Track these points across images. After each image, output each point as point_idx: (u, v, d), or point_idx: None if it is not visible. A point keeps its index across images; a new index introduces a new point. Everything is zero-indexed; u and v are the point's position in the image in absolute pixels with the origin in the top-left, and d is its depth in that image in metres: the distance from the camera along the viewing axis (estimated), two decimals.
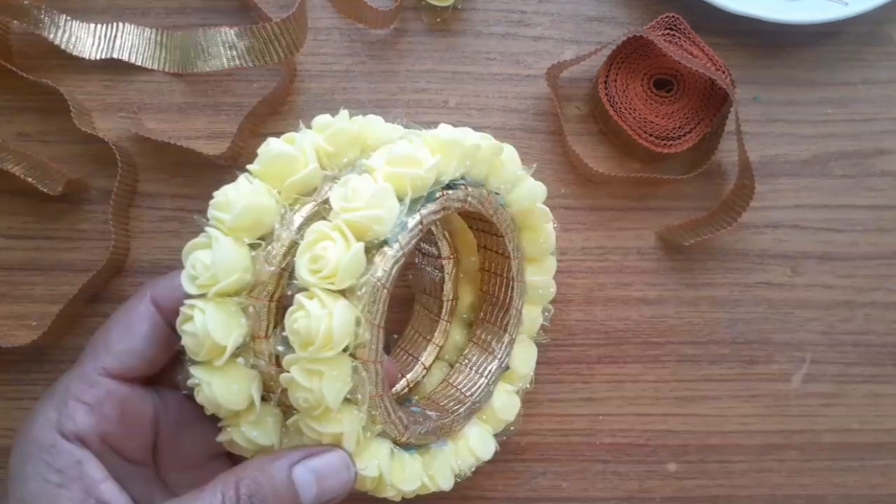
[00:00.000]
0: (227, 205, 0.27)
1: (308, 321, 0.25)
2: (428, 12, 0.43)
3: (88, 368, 0.30)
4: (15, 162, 0.40)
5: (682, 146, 0.41)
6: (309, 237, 0.26)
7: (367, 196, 0.26)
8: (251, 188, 0.28)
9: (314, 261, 0.25)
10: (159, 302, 0.31)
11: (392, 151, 0.28)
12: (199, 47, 0.41)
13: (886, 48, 0.45)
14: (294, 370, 0.25)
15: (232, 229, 0.27)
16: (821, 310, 0.43)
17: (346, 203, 0.26)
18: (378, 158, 0.28)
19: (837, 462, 0.43)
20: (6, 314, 0.41)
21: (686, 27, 0.42)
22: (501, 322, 0.37)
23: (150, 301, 0.31)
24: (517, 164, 0.34)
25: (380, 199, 0.26)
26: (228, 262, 0.27)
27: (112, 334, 0.30)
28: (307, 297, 0.25)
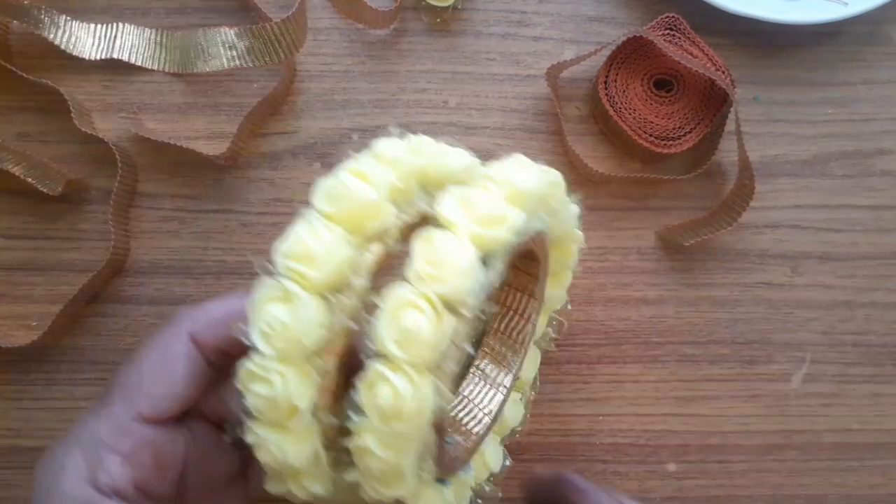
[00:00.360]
0: (309, 258, 0.25)
1: (395, 399, 0.23)
2: (428, 12, 0.43)
3: (121, 413, 0.27)
4: (15, 162, 0.40)
5: (682, 146, 0.41)
6: (392, 303, 0.24)
7: (460, 267, 0.24)
8: (334, 239, 0.25)
9: (404, 334, 0.24)
10: (199, 338, 0.28)
11: (474, 206, 0.26)
12: (199, 47, 0.41)
13: (886, 48, 0.45)
14: (369, 439, 0.24)
15: (317, 287, 0.25)
16: (821, 310, 0.43)
17: (434, 270, 0.24)
18: (455, 209, 0.26)
19: (837, 462, 0.43)
20: (6, 314, 0.41)
21: (686, 27, 0.42)
22: (519, 336, 0.36)
23: (188, 338, 0.28)
24: (563, 189, 0.32)
25: (472, 271, 0.24)
26: (312, 322, 0.24)
27: (146, 375, 0.28)
28: (391, 369, 0.24)
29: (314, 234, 0.25)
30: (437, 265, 0.24)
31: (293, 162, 0.42)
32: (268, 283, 0.25)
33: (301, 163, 0.42)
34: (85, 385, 0.41)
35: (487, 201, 0.26)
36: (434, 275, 0.24)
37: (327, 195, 0.26)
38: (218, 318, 0.27)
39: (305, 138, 0.43)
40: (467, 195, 0.26)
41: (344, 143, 0.43)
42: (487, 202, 0.26)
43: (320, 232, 0.25)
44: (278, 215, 0.42)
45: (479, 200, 0.26)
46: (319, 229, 0.25)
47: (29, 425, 0.41)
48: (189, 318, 0.28)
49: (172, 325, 0.28)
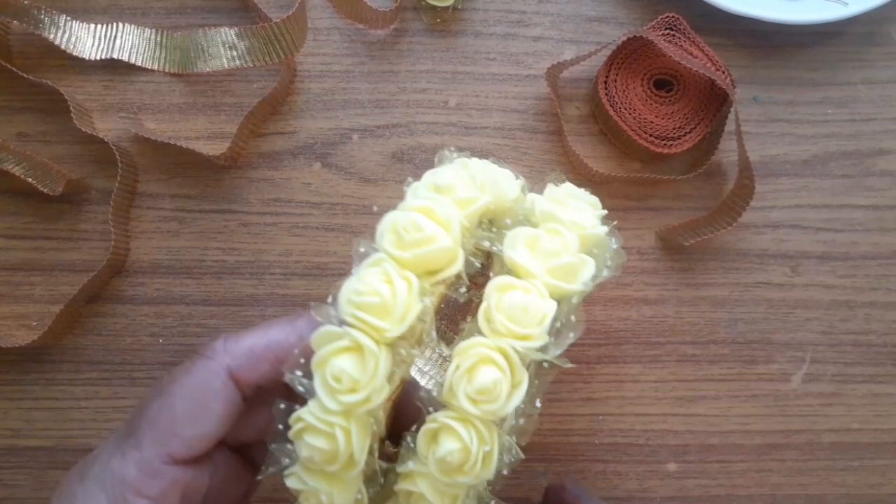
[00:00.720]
0: (384, 310, 0.23)
1: (462, 454, 0.23)
2: (428, 12, 0.43)
3: (151, 455, 0.25)
4: (15, 162, 0.40)
5: (682, 146, 0.41)
6: (469, 358, 0.23)
7: (541, 324, 0.23)
8: (410, 291, 0.23)
9: (480, 391, 0.22)
10: (238, 375, 0.26)
11: (548, 254, 0.24)
12: (199, 47, 0.41)
13: (886, 48, 0.45)
14: (424, 485, 0.23)
15: (391, 341, 0.23)
16: (821, 310, 0.43)
17: (514, 325, 0.23)
18: (530, 257, 0.25)
19: (837, 462, 0.43)
20: (6, 314, 0.41)
21: (686, 27, 0.42)
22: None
23: (227, 375, 0.26)
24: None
25: (548, 326, 0.23)
26: (383, 377, 0.23)
27: (180, 415, 0.25)
28: (462, 424, 0.23)
29: (389, 284, 0.23)
30: (518, 320, 0.23)
31: (293, 162, 0.42)
32: (333, 331, 0.23)
33: (301, 163, 0.42)
34: (85, 385, 0.41)
35: (562, 250, 0.25)
36: (514, 330, 0.23)
37: (397, 237, 0.24)
38: (259, 354, 0.25)
39: (305, 138, 0.43)
40: (538, 240, 0.25)
41: (344, 143, 0.43)
42: (562, 251, 0.25)
43: (395, 282, 0.23)
44: (278, 215, 0.42)
45: (553, 248, 0.25)
46: (394, 278, 0.23)
47: (29, 425, 0.41)
48: (228, 354, 0.26)
49: (208, 360, 0.26)
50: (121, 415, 0.41)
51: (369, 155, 0.43)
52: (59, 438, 0.41)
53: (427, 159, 0.43)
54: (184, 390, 0.25)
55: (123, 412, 0.41)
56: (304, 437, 0.23)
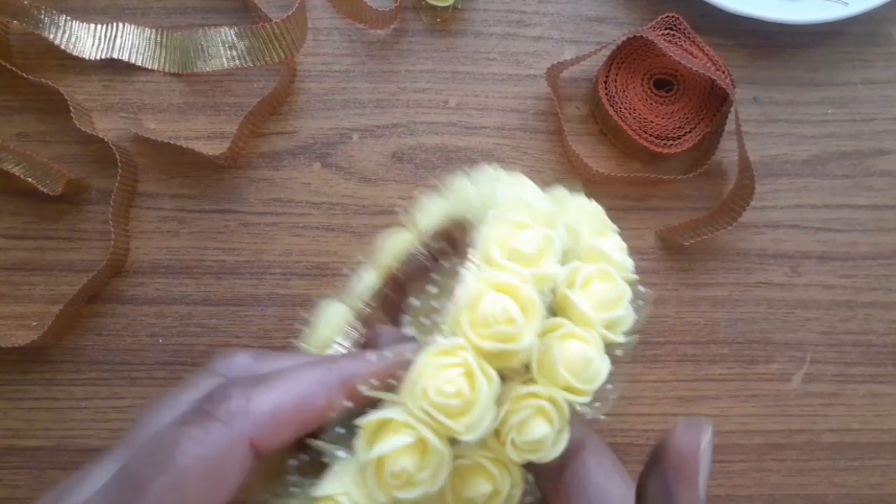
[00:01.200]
0: (462, 410, 0.20)
1: (493, 497, 0.22)
2: (428, 12, 0.43)
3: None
4: (15, 162, 0.40)
5: (682, 146, 0.41)
6: (524, 411, 0.21)
7: (593, 381, 0.22)
8: (490, 391, 0.21)
9: (531, 444, 0.21)
10: (260, 444, 0.21)
11: (603, 304, 0.23)
12: (199, 47, 0.41)
13: (886, 48, 0.45)
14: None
15: (456, 437, 0.21)
16: (821, 310, 0.43)
17: (573, 380, 0.22)
18: (588, 305, 0.22)
19: (837, 462, 0.43)
20: (6, 314, 0.41)
21: (686, 27, 0.42)
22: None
23: (247, 444, 0.21)
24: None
25: (600, 384, 0.23)
26: (442, 479, 0.21)
27: (191, 495, 0.21)
28: (496, 466, 0.22)
29: (468, 379, 0.21)
30: (577, 374, 0.22)
31: (293, 162, 0.42)
32: (393, 419, 0.21)
33: (301, 163, 0.42)
34: (85, 385, 0.41)
35: (617, 300, 0.23)
36: (571, 384, 0.22)
37: (482, 323, 0.21)
38: (286, 418, 0.21)
39: (305, 138, 0.43)
40: (592, 282, 0.23)
41: (344, 143, 0.43)
42: (617, 302, 0.23)
43: (477, 379, 0.21)
44: (278, 215, 0.42)
45: (609, 297, 0.23)
46: (475, 373, 0.21)
47: (29, 425, 0.41)
48: (248, 419, 0.21)
49: (225, 427, 0.21)
50: (121, 415, 0.41)
51: (369, 155, 0.43)
52: (59, 438, 0.41)
53: (427, 159, 0.43)
54: (197, 466, 0.20)
55: (123, 412, 0.41)
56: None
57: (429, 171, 0.43)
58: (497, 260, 0.22)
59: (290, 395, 0.21)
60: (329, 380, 0.22)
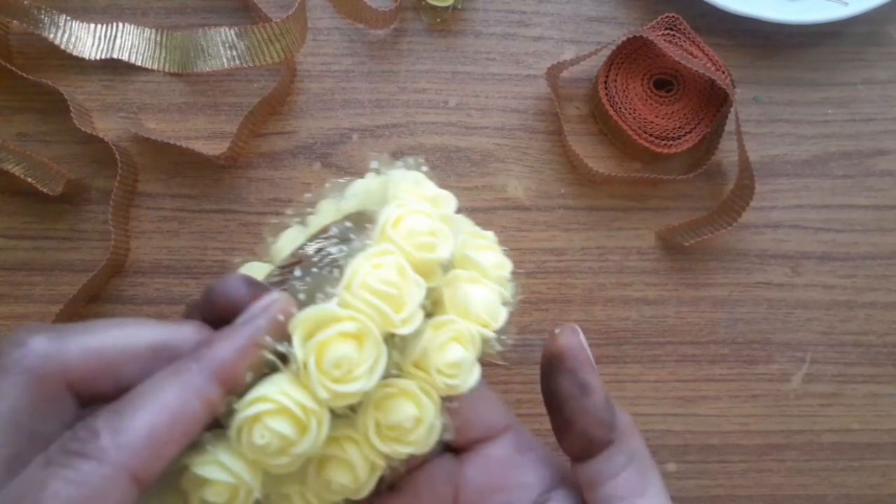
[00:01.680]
0: (397, 304, 0.22)
1: (416, 422, 0.23)
2: (428, 12, 0.43)
3: (108, 453, 0.19)
4: (15, 162, 0.40)
5: (682, 146, 0.41)
6: (444, 335, 0.23)
7: (501, 321, 0.25)
8: (419, 295, 0.23)
9: (451, 369, 0.23)
10: (141, 473, 0.19)
11: (473, 310, 0.25)
12: (199, 47, 0.41)
13: (886, 48, 0.45)
14: (353, 453, 0.23)
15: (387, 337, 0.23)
16: (821, 310, 0.43)
17: (485, 316, 0.24)
18: (487, 263, 0.25)
19: (837, 462, 0.43)
20: (6, 314, 0.41)
21: (686, 27, 0.42)
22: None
23: (128, 478, 0.18)
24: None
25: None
26: (380, 373, 0.22)
27: (145, 431, 0.19)
28: (423, 393, 0.23)
29: (403, 277, 0.22)
30: (484, 311, 0.24)
31: (293, 162, 0.42)
32: (334, 312, 0.21)
33: (301, 163, 0.42)
34: None
35: (499, 262, 0.26)
36: (481, 319, 0.24)
37: (410, 235, 0.23)
38: (164, 437, 0.19)
39: (305, 138, 0.43)
40: (467, 295, 0.25)
41: (344, 143, 0.43)
42: (500, 263, 0.26)
43: (408, 276, 0.23)
44: (278, 215, 0.42)
45: (482, 300, 0.25)
46: (408, 272, 0.23)
47: None
48: (121, 450, 0.18)
49: (96, 464, 0.18)
50: None
51: (369, 155, 0.43)
52: None
53: (427, 159, 0.43)
54: (151, 404, 0.19)
55: None
56: (267, 421, 0.20)
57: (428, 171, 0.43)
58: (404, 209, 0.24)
59: (161, 413, 0.19)
60: (197, 382, 0.20)
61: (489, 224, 0.42)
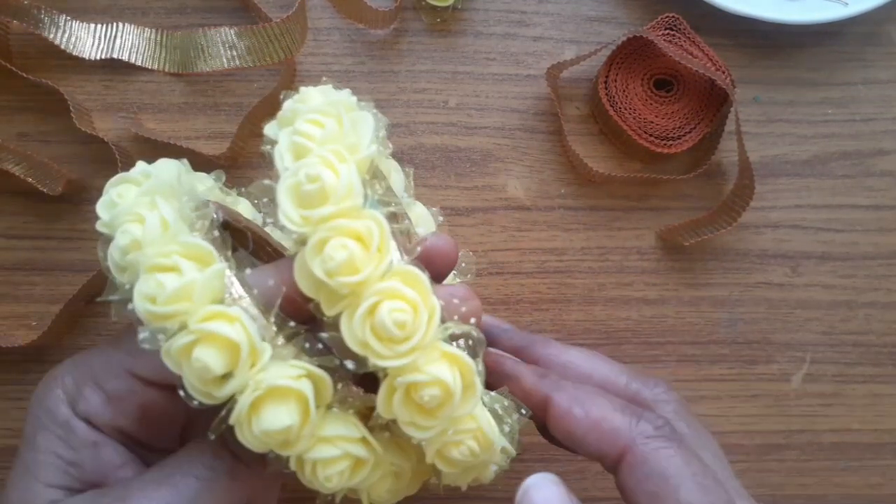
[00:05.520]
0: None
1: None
2: (428, 12, 0.43)
3: (117, 358, 0.25)
4: (15, 162, 0.40)
5: (682, 146, 0.41)
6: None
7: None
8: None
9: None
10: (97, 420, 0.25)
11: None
12: (199, 47, 0.41)
13: (886, 48, 0.45)
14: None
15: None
16: (821, 310, 0.43)
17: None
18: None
19: (837, 462, 0.43)
20: (6, 314, 0.41)
21: (686, 27, 0.42)
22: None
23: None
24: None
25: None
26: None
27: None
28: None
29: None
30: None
31: None
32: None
33: None
34: None
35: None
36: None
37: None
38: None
39: None
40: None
41: None
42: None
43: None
44: None
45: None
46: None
47: None
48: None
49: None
50: None
51: None
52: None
53: (427, 159, 0.43)
54: None
55: None
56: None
57: (429, 171, 0.43)
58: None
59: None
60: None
61: (489, 224, 0.42)
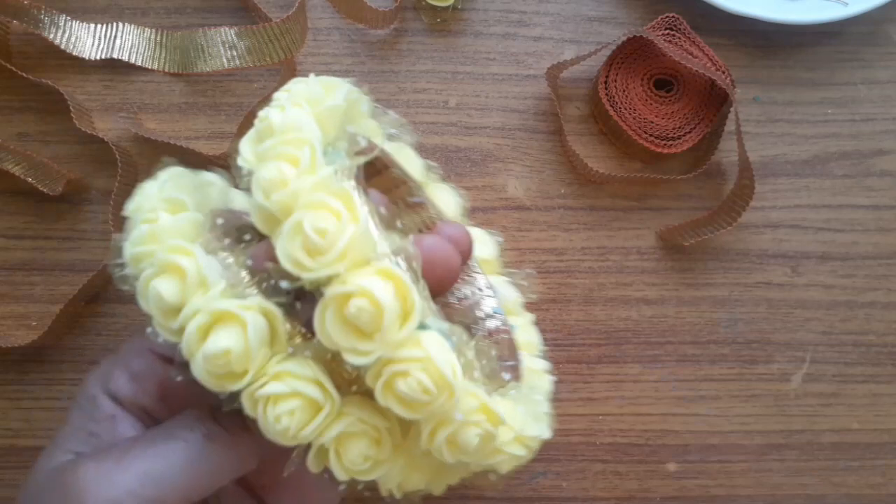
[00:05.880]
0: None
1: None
2: (428, 12, 0.43)
3: (142, 339, 0.28)
4: (15, 162, 0.40)
5: (682, 146, 0.41)
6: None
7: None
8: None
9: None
10: None
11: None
12: (199, 47, 0.41)
13: (886, 48, 0.45)
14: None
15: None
16: (821, 310, 0.43)
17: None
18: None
19: (837, 462, 0.43)
20: (6, 314, 0.41)
21: (686, 27, 0.42)
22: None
23: None
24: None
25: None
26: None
27: None
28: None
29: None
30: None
31: None
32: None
33: None
34: None
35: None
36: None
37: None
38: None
39: None
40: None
41: None
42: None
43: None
44: None
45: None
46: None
47: (28, 425, 0.41)
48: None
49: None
50: None
51: None
52: None
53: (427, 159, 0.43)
54: None
55: None
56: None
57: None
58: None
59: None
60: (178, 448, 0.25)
61: (489, 224, 0.42)
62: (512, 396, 0.27)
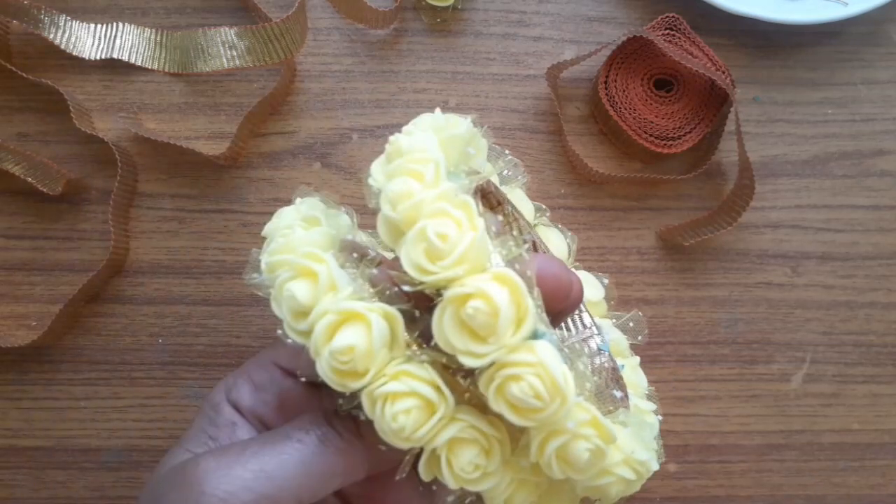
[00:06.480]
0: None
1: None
2: (428, 12, 0.43)
3: (266, 351, 0.30)
4: (15, 162, 0.40)
5: (682, 146, 0.41)
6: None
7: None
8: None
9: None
10: None
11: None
12: (199, 47, 0.41)
13: (886, 48, 0.45)
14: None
15: None
16: (821, 310, 0.43)
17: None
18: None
19: (837, 462, 0.43)
20: (6, 314, 0.41)
21: (686, 27, 0.42)
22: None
23: None
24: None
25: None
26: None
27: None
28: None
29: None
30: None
31: (293, 162, 0.42)
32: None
33: (301, 163, 0.42)
34: (85, 385, 0.41)
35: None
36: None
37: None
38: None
39: (305, 138, 0.43)
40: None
41: (344, 143, 0.43)
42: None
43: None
44: None
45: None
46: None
47: (28, 425, 0.41)
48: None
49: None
50: (120, 415, 0.41)
51: (369, 155, 0.43)
52: (58, 438, 0.41)
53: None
54: None
55: (123, 412, 0.41)
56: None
57: None
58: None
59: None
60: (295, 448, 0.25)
61: None
62: (621, 421, 0.27)
